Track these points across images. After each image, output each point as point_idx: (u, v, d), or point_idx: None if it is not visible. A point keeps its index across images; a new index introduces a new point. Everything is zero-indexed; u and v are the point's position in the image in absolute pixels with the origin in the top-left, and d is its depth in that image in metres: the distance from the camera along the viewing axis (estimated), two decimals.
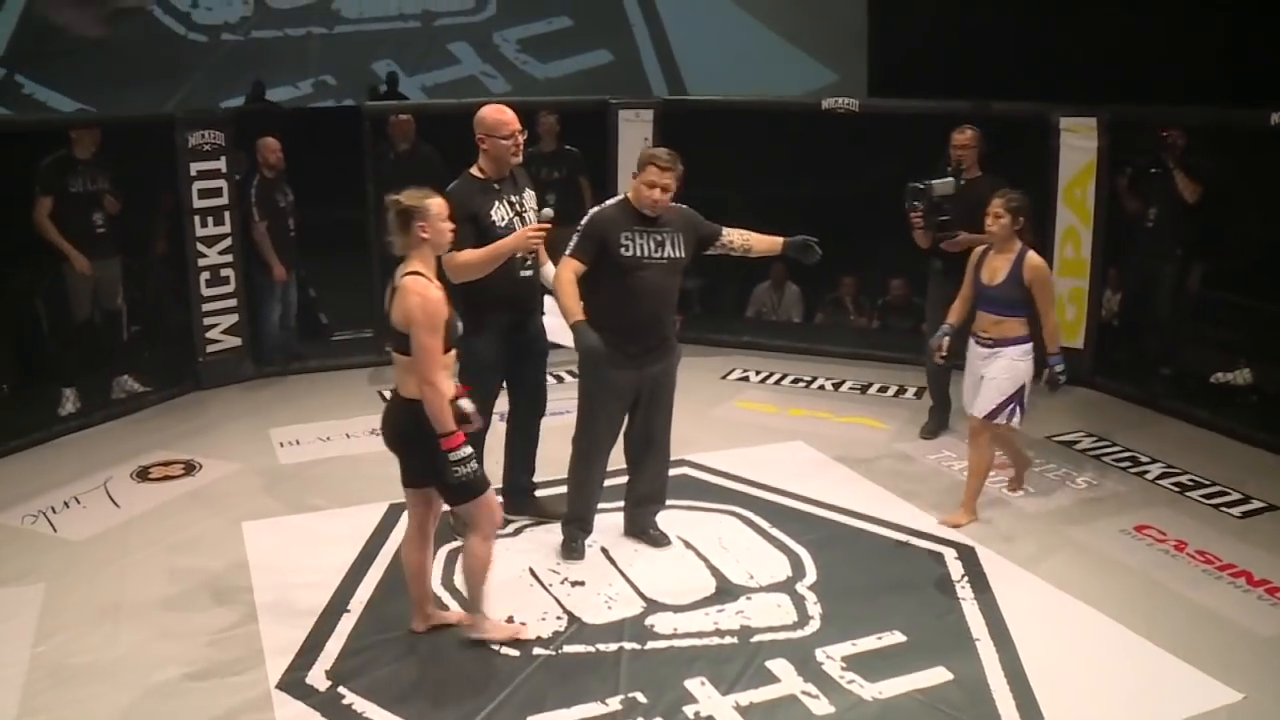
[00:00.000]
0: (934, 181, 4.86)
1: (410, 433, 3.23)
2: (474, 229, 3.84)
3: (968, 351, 4.34)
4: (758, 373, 6.63)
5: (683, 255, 3.93)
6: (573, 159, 6.81)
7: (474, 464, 3.23)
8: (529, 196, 4.03)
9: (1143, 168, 6.10)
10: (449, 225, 3.27)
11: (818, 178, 7.67)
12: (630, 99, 7.17)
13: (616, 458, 4.12)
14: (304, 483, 4.94)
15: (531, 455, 4.35)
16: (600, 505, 4.17)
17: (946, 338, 4.36)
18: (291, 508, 4.67)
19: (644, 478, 4.19)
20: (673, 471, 4.82)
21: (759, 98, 7.97)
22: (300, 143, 6.87)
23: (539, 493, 4.40)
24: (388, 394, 6.35)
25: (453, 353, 3.23)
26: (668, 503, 4.38)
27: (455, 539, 4.27)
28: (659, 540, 4.23)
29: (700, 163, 7.48)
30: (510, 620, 3.63)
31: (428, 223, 3.19)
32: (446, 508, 3.42)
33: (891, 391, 6.35)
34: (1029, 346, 4.22)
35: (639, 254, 3.82)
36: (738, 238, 4.09)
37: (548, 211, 3.88)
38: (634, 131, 6.89)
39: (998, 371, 4.22)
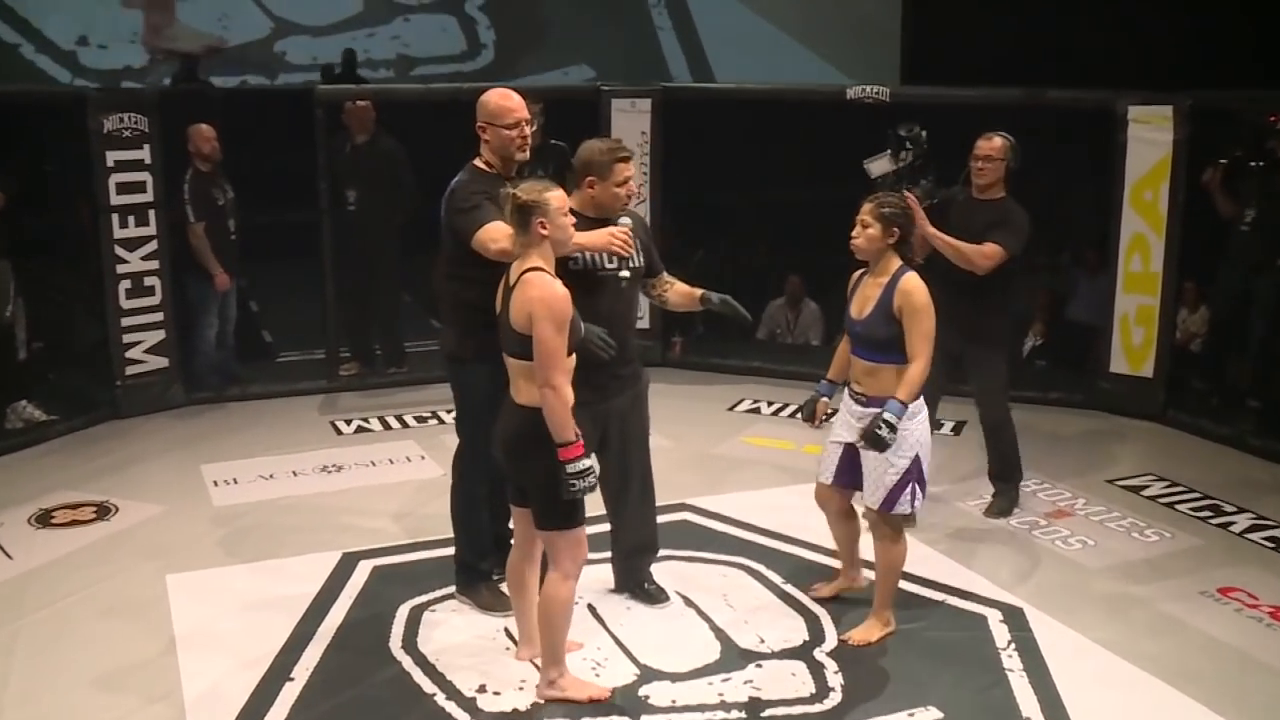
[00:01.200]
0: (869, 161, 4.75)
1: (527, 442, 3.37)
2: (497, 208, 3.90)
3: (841, 410, 3.97)
4: (770, 403, 6.68)
5: (641, 264, 3.98)
6: (559, 155, 6.87)
7: (593, 478, 3.35)
8: None
9: (1241, 161, 6.05)
10: (570, 220, 3.45)
11: (841, 179, 7.76)
12: (624, 86, 7.28)
13: (595, 501, 4.15)
14: (242, 529, 4.96)
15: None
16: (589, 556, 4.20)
17: (823, 399, 4.04)
18: (227, 558, 4.69)
19: (630, 525, 4.22)
20: (672, 518, 4.85)
21: (773, 85, 8.07)
22: (240, 130, 6.94)
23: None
24: (342, 425, 6.66)
25: (573, 357, 3.37)
26: (664, 553, 4.42)
27: (420, 595, 4.29)
28: (655, 596, 4.26)
29: (705, 161, 7.68)
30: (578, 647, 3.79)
31: (548, 218, 3.36)
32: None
33: None
34: (916, 402, 3.77)
35: (591, 264, 3.87)
36: (666, 283, 4.13)
37: (627, 220, 3.91)
38: (629, 124, 6.97)
39: (861, 431, 3.80)
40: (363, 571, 4.52)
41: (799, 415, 4.26)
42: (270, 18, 11.15)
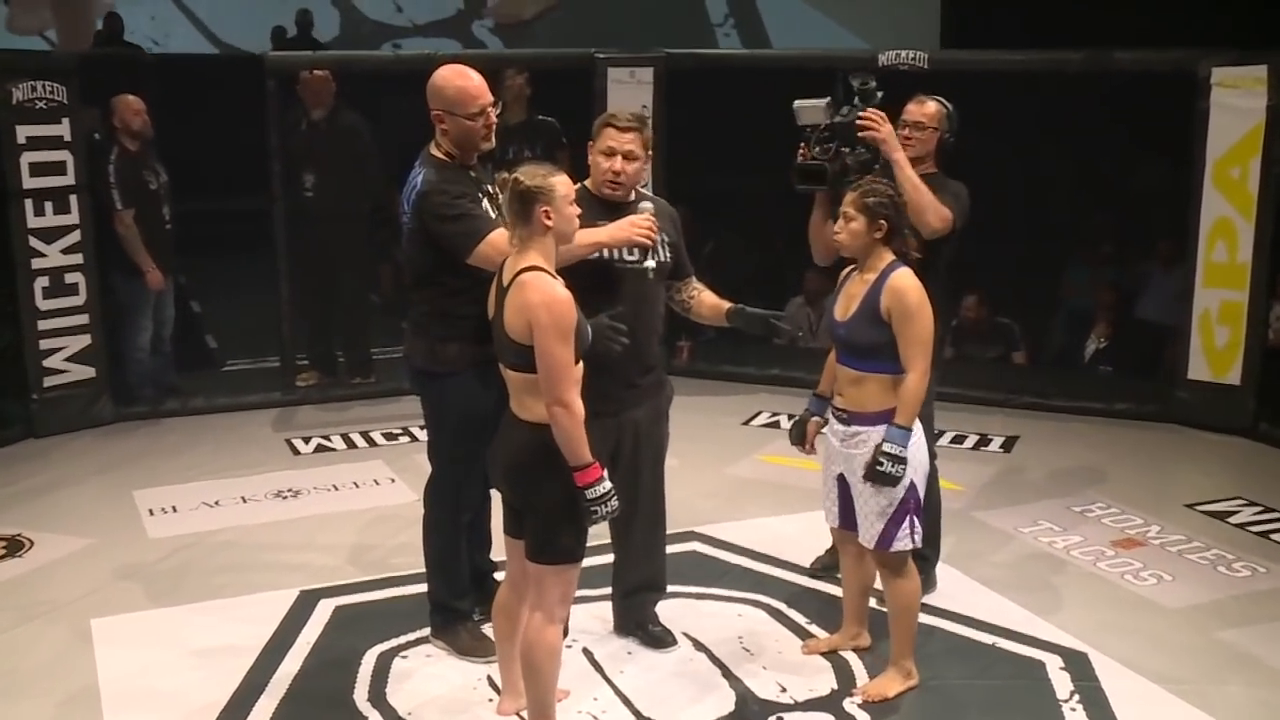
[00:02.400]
0: (799, 104, 4.31)
1: (533, 464, 3.38)
2: (495, 209, 3.90)
3: (826, 431, 3.94)
4: (791, 416, 6.60)
5: (667, 258, 3.98)
6: (548, 133, 6.90)
7: (614, 503, 3.36)
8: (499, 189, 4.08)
9: None
10: (576, 211, 3.45)
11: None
12: (622, 53, 7.31)
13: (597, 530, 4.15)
14: (182, 564, 4.97)
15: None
16: (580, 592, 4.20)
17: (814, 418, 4.02)
18: (163, 599, 4.69)
19: (634, 558, 4.23)
20: (679, 548, 4.85)
21: (793, 51, 8.09)
22: (175, 103, 6.97)
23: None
24: (300, 444, 6.69)
25: (580, 365, 3.39)
26: (671, 589, 4.42)
27: (390, 640, 4.29)
28: (661, 639, 4.27)
29: (716, 140, 7.68)
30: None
31: (553, 207, 3.35)
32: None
33: (969, 442, 6.43)
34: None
35: (609, 255, 3.88)
36: (694, 289, 4.14)
37: (649, 205, 3.91)
38: (628, 96, 7.01)
39: (864, 467, 3.74)
40: (323, 612, 4.52)
41: (789, 433, 4.16)
42: None
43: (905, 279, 3.74)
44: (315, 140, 6.87)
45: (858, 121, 4.22)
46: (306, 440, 6.45)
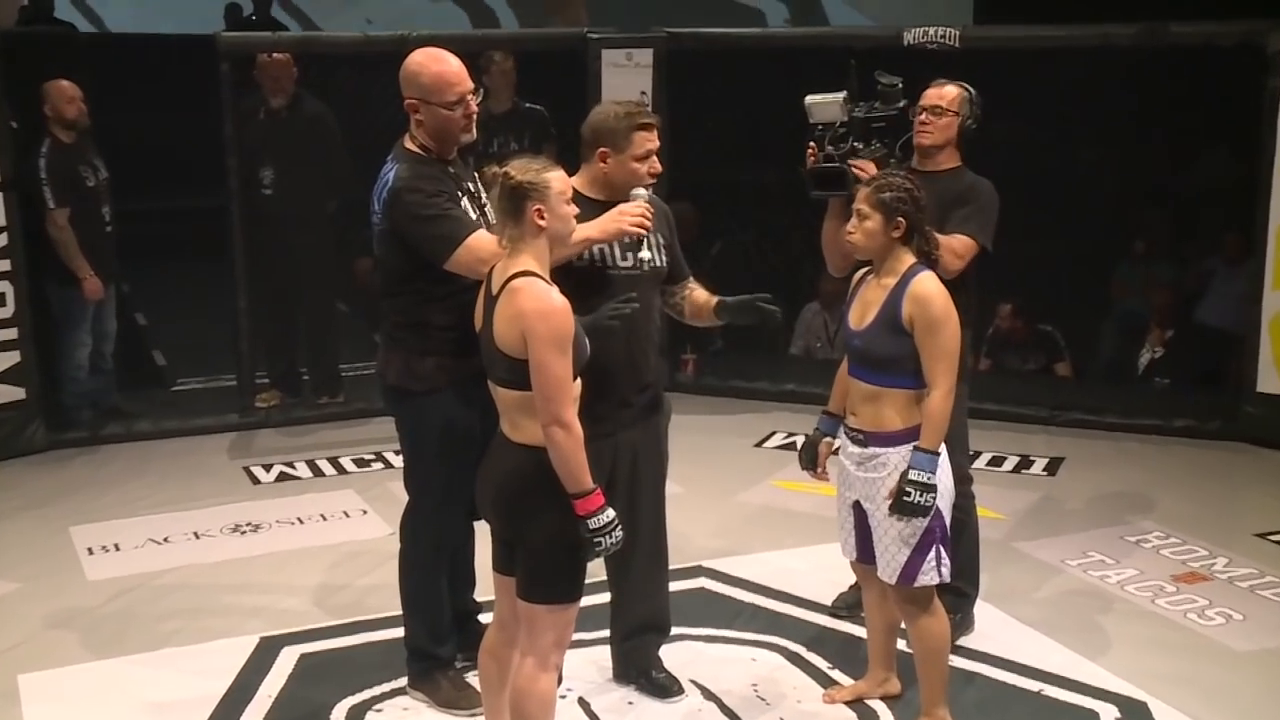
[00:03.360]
0: (812, 99, 4.33)
1: (527, 491, 3.38)
2: (475, 208, 3.90)
3: (839, 453, 3.94)
4: (808, 436, 6.66)
5: (663, 262, 3.99)
6: (536, 122, 6.92)
7: (619, 534, 3.36)
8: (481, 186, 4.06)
9: None
10: (573, 209, 3.44)
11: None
12: (618, 33, 7.33)
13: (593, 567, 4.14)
14: (125, 610, 4.95)
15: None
16: (576, 635, 4.18)
17: (825, 439, 4.01)
18: (104, 650, 4.66)
19: (634, 597, 4.22)
20: (686, 585, 4.85)
21: (808, 30, 8.10)
22: (116, 89, 6.96)
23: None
24: (260, 472, 6.66)
25: (579, 382, 3.39)
26: (676, 631, 4.41)
27: (361, 691, 4.28)
28: (665, 687, 4.26)
29: (723, 130, 7.67)
30: None
31: (546, 205, 3.35)
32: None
33: (1009, 464, 6.44)
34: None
35: (602, 258, 3.87)
36: (688, 289, 4.12)
37: (642, 191, 3.90)
38: (625, 82, 7.03)
39: (887, 495, 3.74)
40: (286, 660, 4.51)
41: (800, 457, 4.14)
42: None
43: (929, 284, 3.72)
44: (275, 131, 6.87)
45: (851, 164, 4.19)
46: (267, 468, 6.44)
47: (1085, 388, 7.55)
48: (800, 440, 6.63)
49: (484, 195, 3.90)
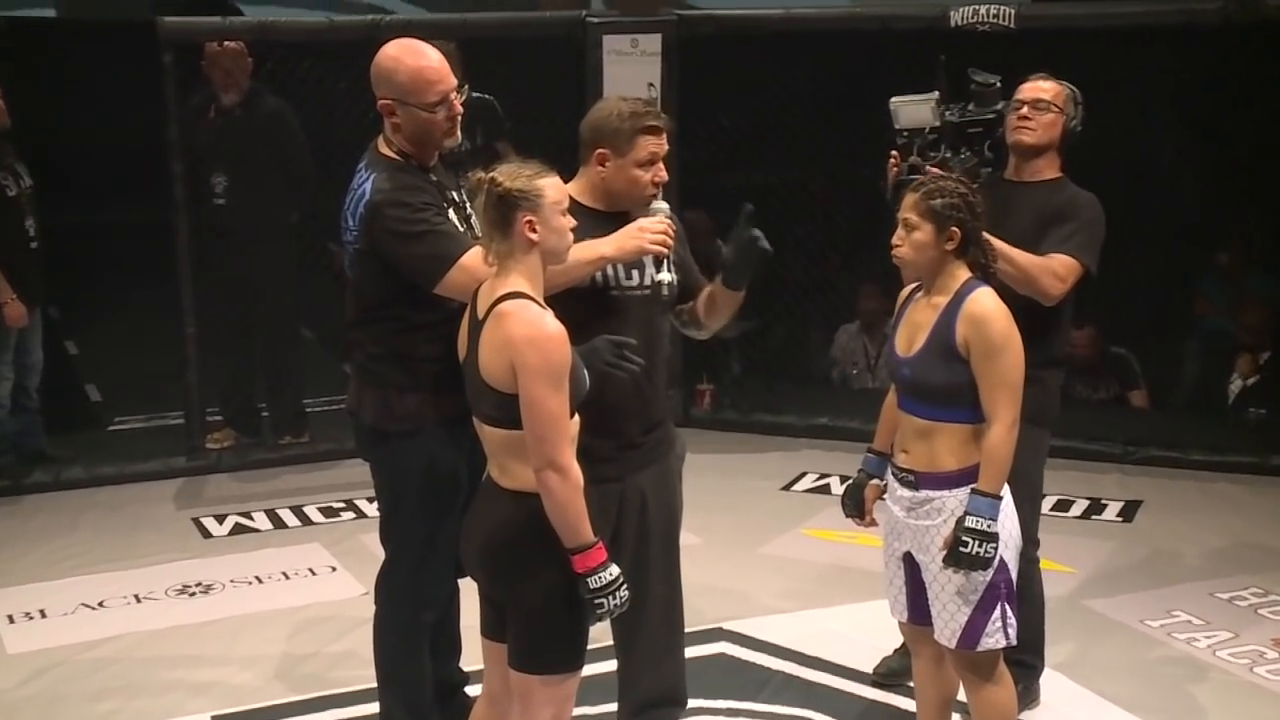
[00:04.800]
0: (898, 101, 4.39)
1: (518, 544, 3.39)
2: (464, 224, 3.93)
3: (887, 498, 3.97)
4: (843, 478, 6.65)
5: (673, 278, 3.98)
6: (486, 116, 6.85)
7: (625, 593, 3.37)
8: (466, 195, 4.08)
9: None
10: (569, 222, 3.45)
11: None
12: (621, 16, 7.37)
13: (597, 631, 4.16)
14: (51, 690, 4.92)
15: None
16: (577, 710, 4.19)
17: (873, 480, 4.03)
18: None
19: (645, 665, 4.21)
20: (703, 650, 4.86)
21: (840, 10, 8.12)
22: (40, 83, 6.98)
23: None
24: (211, 524, 6.61)
25: (577, 419, 3.40)
26: (692, 704, 4.39)
27: None
28: None
29: (742, 126, 7.67)
30: None
31: (539, 216, 3.36)
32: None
33: (1078, 508, 6.45)
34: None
35: (604, 276, 3.89)
36: (706, 295, 4.13)
37: (663, 204, 3.92)
38: (628, 72, 7.07)
39: (942, 545, 3.74)
40: None
41: (843, 501, 4.13)
42: None
43: (986, 302, 3.70)
44: (227, 131, 6.91)
45: None
46: (220, 519, 6.46)
47: (1165, 420, 7.55)
48: (835, 482, 6.73)
49: (469, 205, 3.90)
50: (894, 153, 4.30)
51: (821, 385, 7.94)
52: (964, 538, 3.64)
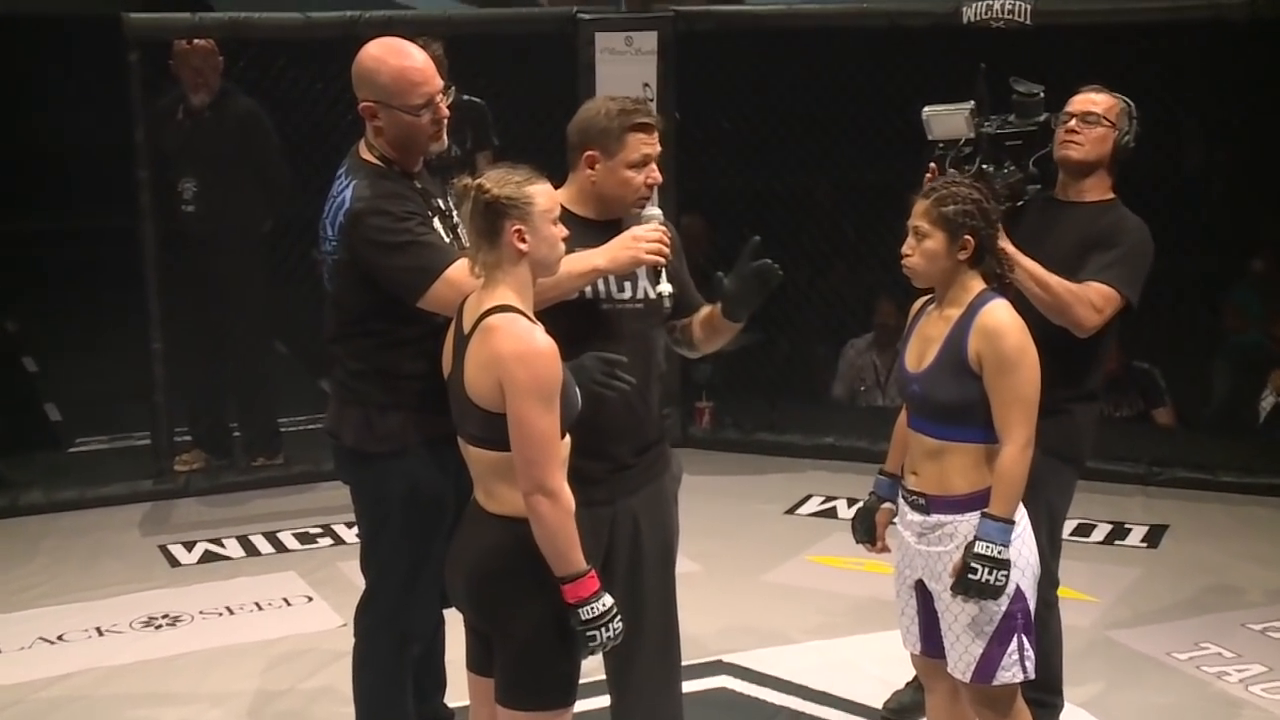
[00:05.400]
0: (931, 111, 4.39)
1: (505, 573, 3.39)
2: (450, 234, 3.94)
3: (897, 523, 3.98)
4: (851, 501, 6.71)
5: (671, 291, 3.97)
6: (476, 119, 6.86)
7: (618, 624, 3.37)
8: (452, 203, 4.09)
9: None
10: (561, 231, 3.46)
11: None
12: (615, 12, 7.40)
13: (589, 664, 4.16)
14: None
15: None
16: None
17: (884, 504, 4.04)
18: None
19: (639, 700, 4.18)
20: (701, 684, 4.86)
21: (848, 7, 8.11)
22: None
23: None
24: (179, 552, 6.59)
25: (568, 439, 3.40)
26: None
27: None
28: None
29: (744, 129, 7.66)
30: None
31: (529, 225, 3.36)
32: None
33: (1099, 533, 6.46)
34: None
35: (599, 292, 3.90)
36: (704, 318, 4.13)
37: (656, 211, 3.90)
38: (622, 71, 7.09)
39: (952, 572, 3.75)
40: None
41: (853, 526, 4.14)
42: None
43: (1000, 314, 3.70)
44: (197, 134, 6.91)
45: None
46: (189, 546, 6.45)
47: (1192, 439, 7.55)
48: (842, 505, 6.74)
49: (456, 214, 3.92)
50: (931, 165, 4.28)
51: (827, 402, 7.94)
52: (973, 564, 3.65)
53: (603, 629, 3.32)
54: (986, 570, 3.63)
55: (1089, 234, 4.27)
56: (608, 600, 3.34)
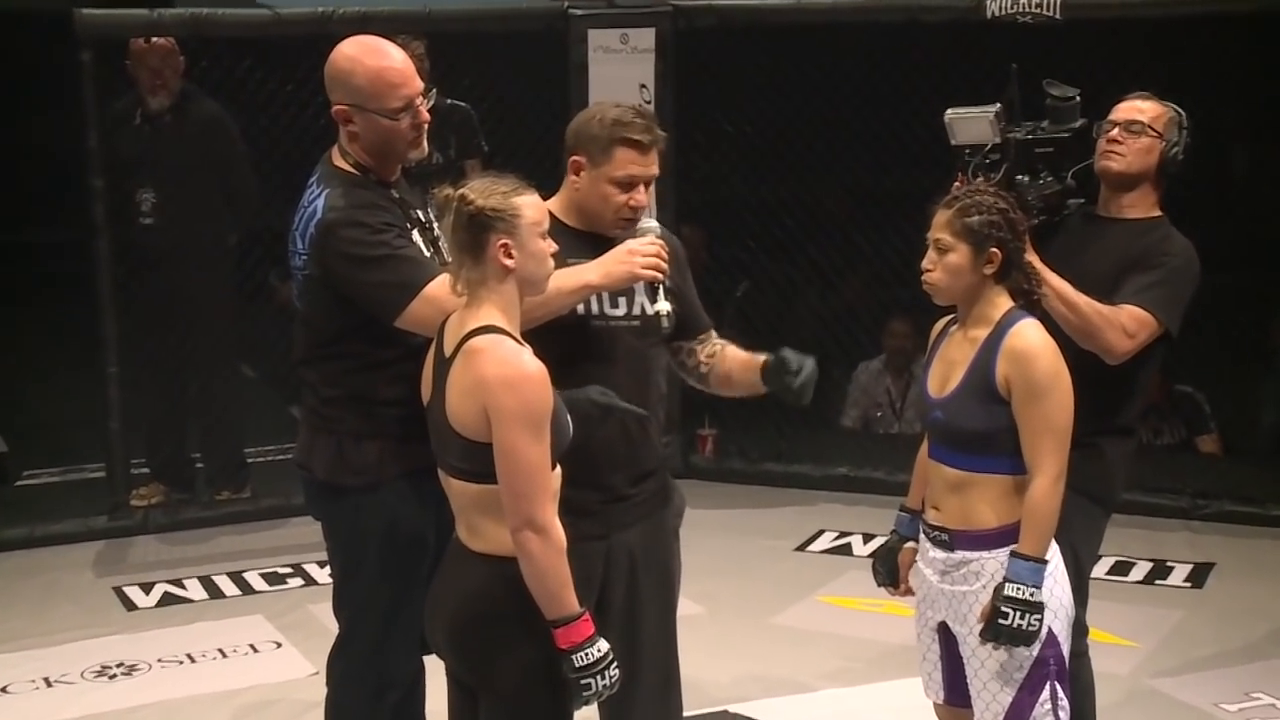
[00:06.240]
0: (954, 114, 4.38)
1: (490, 617, 3.39)
2: (431, 247, 3.95)
3: (918, 561, 4.01)
4: (866, 537, 6.74)
5: (671, 309, 3.97)
6: (461, 125, 6.89)
7: (614, 672, 3.36)
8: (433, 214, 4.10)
9: None
10: (549, 246, 3.46)
11: None
12: (609, 8, 7.39)
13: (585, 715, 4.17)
14: None
15: None
16: None
17: (907, 543, 4.05)
18: None
19: None
20: None
21: (862, 1, 8.13)
22: None
23: None
24: (136, 594, 6.57)
25: (558, 470, 3.40)
26: None
27: None
28: None
29: (748, 133, 7.67)
30: None
31: (515, 239, 3.37)
32: None
33: (1139, 572, 6.47)
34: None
35: (593, 309, 3.91)
36: (713, 347, 4.17)
37: (654, 224, 3.92)
38: (617, 71, 7.11)
39: (980, 616, 3.75)
40: None
41: (874, 567, 4.15)
42: None
43: (1031, 335, 3.71)
44: (156, 140, 6.93)
45: None
46: (147, 588, 6.45)
47: (1239, 469, 7.54)
48: (857, 541, 6.74)
49: (437, 226, 3.91)
50: (959, 173, 4.27)
51: (840, 430, 7.94)
52: (1003, 608, 3.64)
53: (598, 677, 3.32)
54: (1018, 614, 3.63)
55: (1129, 253, 4.24)
56: (603, 645, 3.33)
